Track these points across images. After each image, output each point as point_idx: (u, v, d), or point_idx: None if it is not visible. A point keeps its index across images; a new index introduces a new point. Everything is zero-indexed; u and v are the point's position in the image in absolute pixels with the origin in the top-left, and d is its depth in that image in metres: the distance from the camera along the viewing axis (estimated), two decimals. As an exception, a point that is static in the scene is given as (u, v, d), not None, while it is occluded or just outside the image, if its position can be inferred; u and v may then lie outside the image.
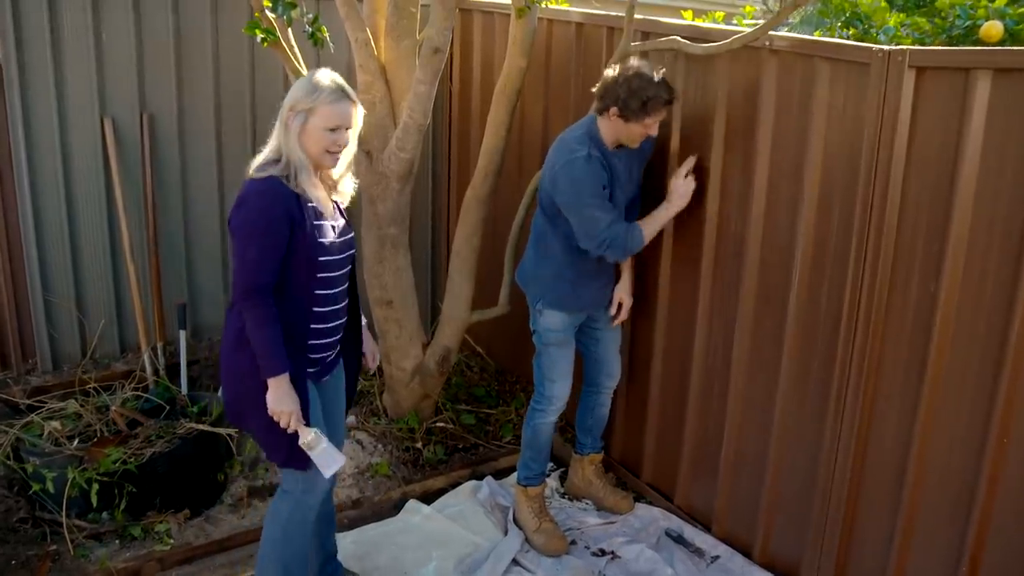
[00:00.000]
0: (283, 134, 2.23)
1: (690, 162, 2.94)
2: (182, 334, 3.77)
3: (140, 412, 3.43)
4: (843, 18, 4.91)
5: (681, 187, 2.92)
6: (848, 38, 4.82)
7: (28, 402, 3.54)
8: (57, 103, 3.55)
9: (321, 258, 2.29)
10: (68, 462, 3.11)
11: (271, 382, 2.23)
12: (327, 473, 2.31)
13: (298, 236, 2.23)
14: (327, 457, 2.28)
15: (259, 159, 2.27)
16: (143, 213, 3.80)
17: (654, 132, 2.85)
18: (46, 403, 3.50)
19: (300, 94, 2.22)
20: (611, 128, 2.84)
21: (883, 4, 4.54)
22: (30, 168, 3.56)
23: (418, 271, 4.56)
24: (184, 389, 3.71)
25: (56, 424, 3.26)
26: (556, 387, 3.15)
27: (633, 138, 2.85)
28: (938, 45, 4.27)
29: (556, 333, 3.10)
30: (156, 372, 3.75)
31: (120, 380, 3.70)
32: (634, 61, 2.80)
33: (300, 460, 2.35)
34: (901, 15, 4.66)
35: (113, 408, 3.35)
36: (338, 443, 2.64)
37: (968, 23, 4.31)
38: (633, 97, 2.71)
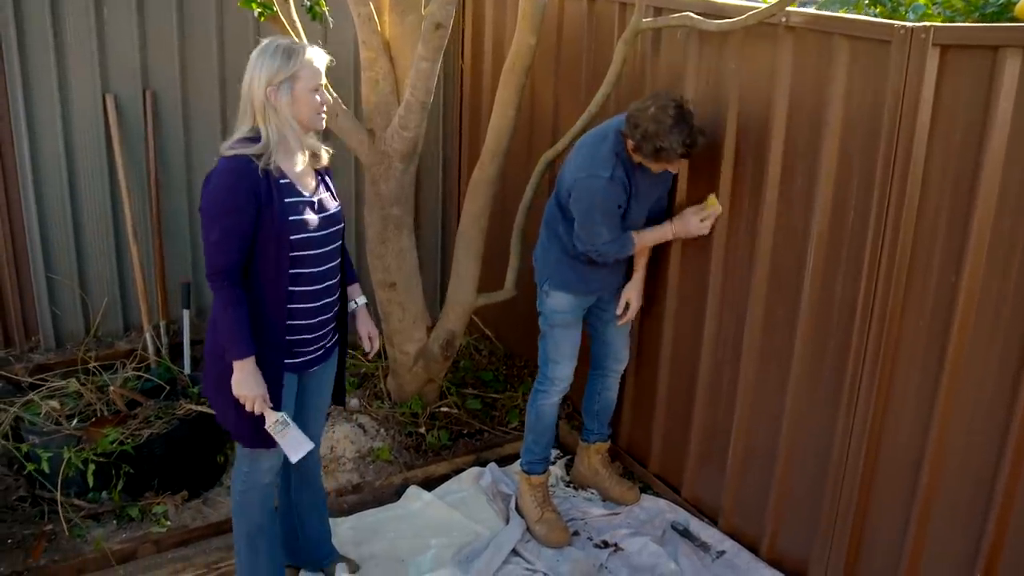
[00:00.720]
0: (266, 113, 2.16)
1: (716, 210, 2.88)
2: (186, 313, 3.73)
3: (140, 392, 3.40)
4: (871, -5, 4.73)
5: (694, 225, 2.90)
6: (876, 16, 4.66)
7: (30, 380, 3.52)
8: (58, 80, 3.50)
9: (295, 236, 2.23)
10: (66, 441, 3.08)
11: (236, 365, 2.21)
12: (294, 458, 2.32)
13: (265, 215, 2.18)
14: (292, 442, 2.29)
15: (232, 138, 2.20)
16: (146, 191, 3.75)
17: (674, 171, 2.85)
18: (48, 381, 3.48)
19: (275, 65, 2.16)
20: (632, 151, 2.76)
21: (912, -20, 4.36)
22: (31, 146, 3.52)
23: (428, 252, 4.51)
24: (187, 369, 3.67)
25: (54, 403, 3.23)
26: (560, 368, 3.09)
27: (651, 168, 2.78)
28: (971, 23, 4.10)
29: (563, 315, 3.05)
30: (158, 352, 3.71)
31: (122, 359, 3.67)
32: (669, 97, 2.66)
33: (264, 441, 2.35)
34: (934, -8, 4.48)
35: (112, 388, 3.32)
36: (315, 435, 2.60)
37: (1003, 0, 4.13)
38: (648, 142, 2.63)
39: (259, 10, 2.67)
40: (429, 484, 3.39)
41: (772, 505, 2.88)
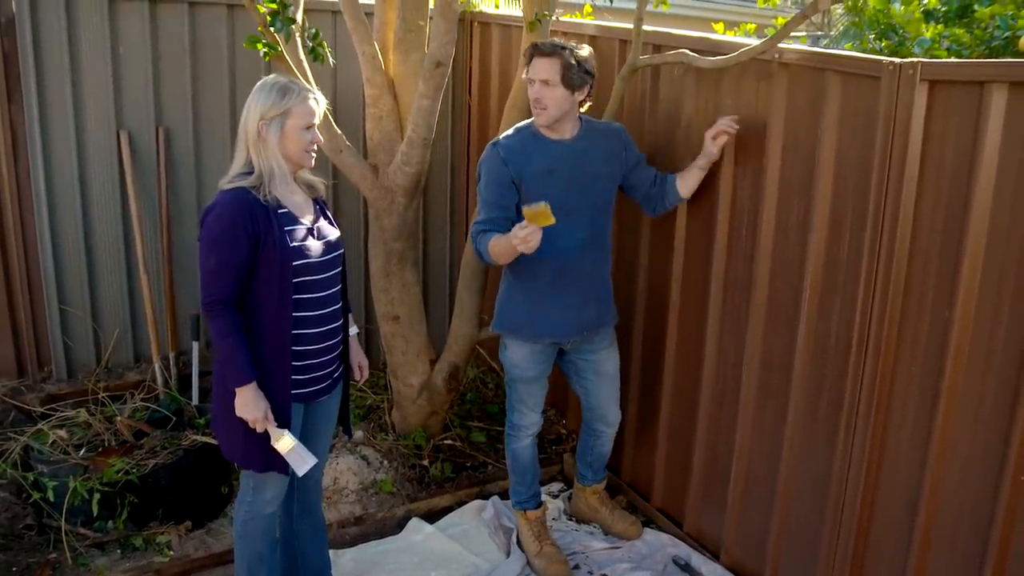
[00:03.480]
0: (257, 146, 2.23)
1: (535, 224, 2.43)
2: (195, 345, 3.78)
3: (147, 423, 3.45)
4: (877, 30, 4.77)
5: (518, 238, 2.42)
6: (882, 50, 4.68)
7: (41, 410, 3.58)
8: (74, 116, 3.59)
9: (296, 262, 2.28)
10: (73, 471, 3.13)
11: (237, 391, 2.26)
12: (300, 472, 2.36)
13: (267, 243, 2.23)
14: (297, 458, 2.35)
15: (229, 173, 2.27)
16: (157, 225, 3.83)
17: (536, 94, 2.66)
18: (58, 411, 3.54)
19: (268, 101, 2.23)
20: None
21: (917, 15, 4.39)
22: (47, 180, 3.61)
23: (437, 286, 4.55)
24: (195, 400, 3.71)
25: (62, 433, 3.29)
26: (525, 418, 3.05)
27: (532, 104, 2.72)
28: (976, 57, 4.11)
29: (519, 369, 2.94)
30: (166, 383, 3.76)
31: (131, 390, 3.72)
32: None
33: (275, 464, 2.38)
34: (940, 26, 4.51)
35: (119, 418, 3.37)
36: (319, 465, 2.63)
37: (1007, 34, 4.14)
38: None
39: (264, 50, 2.74)
40: (432, 516, 3.40)
41: (773, 539, 2.85)
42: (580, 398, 3.16)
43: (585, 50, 2.68)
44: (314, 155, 2.34)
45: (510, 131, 2.82)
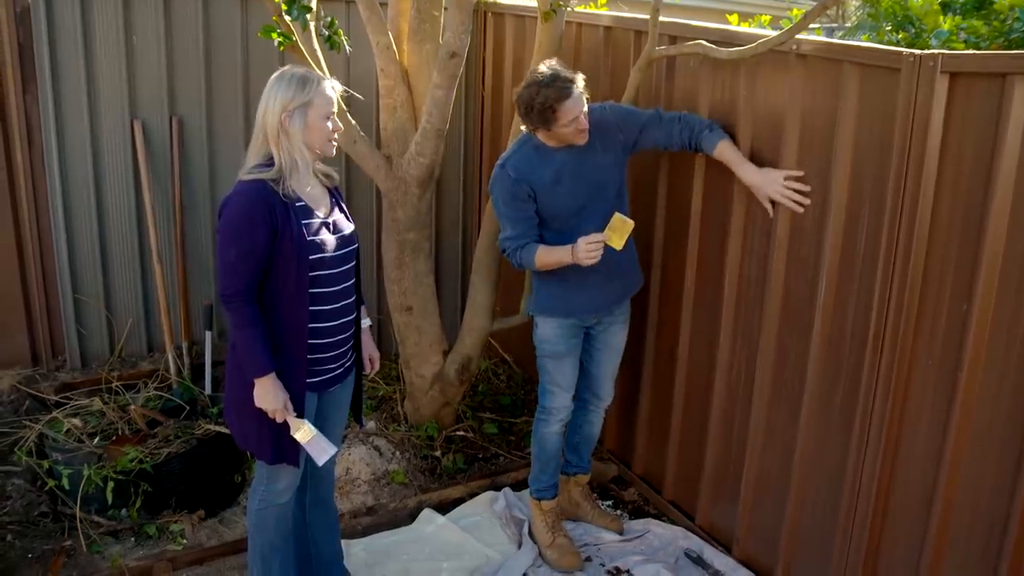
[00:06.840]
0: (279, 139, 2.22)
1: (606, 237, 2.61)
2: (208, 335, 3.79)
3: (161, 412, 3.46)
4: (894, 21, 4.72)
5: (582, 251, 2.60)
6: (899, 42, 4.64)
7: (55, 398, 3.60)
8: (88, 106, 3.61)
9: (313, 256, 2.28)
10: (87, 459, 3.15)
11: (257, 382, 2.26)
12: (320, 462, 2.38)
13: (285, 236, 2.23)
14: (317, 448, 2.35)
15: (247, 165, 2.26)
16: (171, 214, 3.84)
17: (583, 124, 2.67)
18: (72, 399, 3.56)
19: (289, 93, 2.22)
20: (549, 137, 2.75)
21: (934, 7, 4.35)
22: (61, 170, 3.63)
23: (448, 277, 4.55)
24: (208, 390, 3.73)
25: (77, 421, 3.30)
26: (556, 399, 3.05)
27: (572, 138, 2.71)
28: (995, 49, 4.07)
29: (551, 345, 2.98)
30: (179, 372, 3.78)
31: (144, 379, 3.74)
32: (542, 67, 2.66)
33: (286, 455, 2.39)
34: (957, 18, 4.46)
35: (132, 407, 3.38)
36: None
37: (1027, 26, 4.09)
38: (532, 110, 2.62)
39: (279, 39, 2.73)
40: (444, 507, 3.40)
41: (785, 534, 2.85)
42: (581, 364, 3.11)
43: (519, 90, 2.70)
44: (335, 143, 2.34)
45: (512, 148, 2.85)
